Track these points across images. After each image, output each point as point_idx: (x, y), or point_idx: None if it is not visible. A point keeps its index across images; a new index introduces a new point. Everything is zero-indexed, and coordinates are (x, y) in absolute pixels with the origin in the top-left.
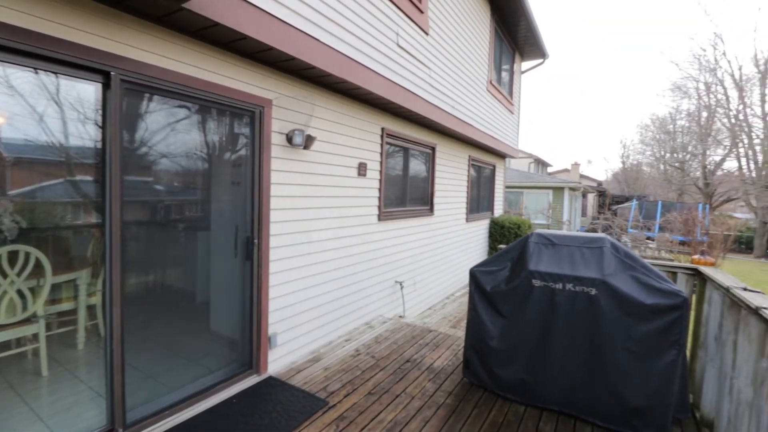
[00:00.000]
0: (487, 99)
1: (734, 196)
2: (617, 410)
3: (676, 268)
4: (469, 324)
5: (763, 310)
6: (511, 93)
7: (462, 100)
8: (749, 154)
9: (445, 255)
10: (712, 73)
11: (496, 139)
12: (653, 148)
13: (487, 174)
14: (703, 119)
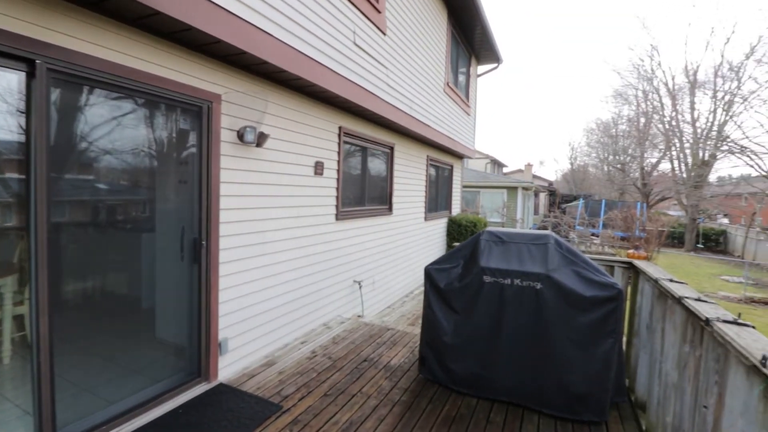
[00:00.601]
0: (444, 100)
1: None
2: (561, 398)
3: (613, 262)
4: (424, 321)
5: (685, 299)
6: (467, 95)
7: (420, 100)
8: (681, 156)
9: (404, 253)
10: (649, 81)
11: (453, 140)
12: (598, 151)
13: (445, 174)
14: (642, 124)
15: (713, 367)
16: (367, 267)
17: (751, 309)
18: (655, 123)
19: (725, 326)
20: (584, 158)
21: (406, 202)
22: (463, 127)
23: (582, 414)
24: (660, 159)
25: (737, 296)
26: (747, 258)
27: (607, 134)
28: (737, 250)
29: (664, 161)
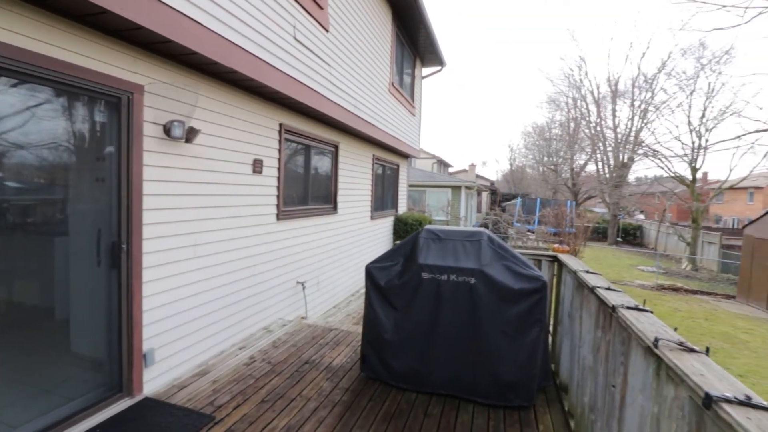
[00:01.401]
0: (389, 100)
1: (593, 193)
2: (494, 386)
3: (540, 256)
4: (365, 319)
5: (597, 288)
6: (412, 96)
7: (364, 99)
8: (604, 159)
9: (350, 253)
10: (578, 90)
11: (399, 140)
12: (534, 153)
13: (391, 173)
14: (571, 129)
15: (619, 350)
16: (311, 267)
17: (661, 295)
18: (582, 128)
19: (628, 312)
20: (522, 159)
21: (352, 201)
22: (409, 127)
23: (512, 400)
24: (587, 161)
25: (650, 284)
26: (659, 250)
27: (542, 137)
28: (651, 242)
29: (590, 163)
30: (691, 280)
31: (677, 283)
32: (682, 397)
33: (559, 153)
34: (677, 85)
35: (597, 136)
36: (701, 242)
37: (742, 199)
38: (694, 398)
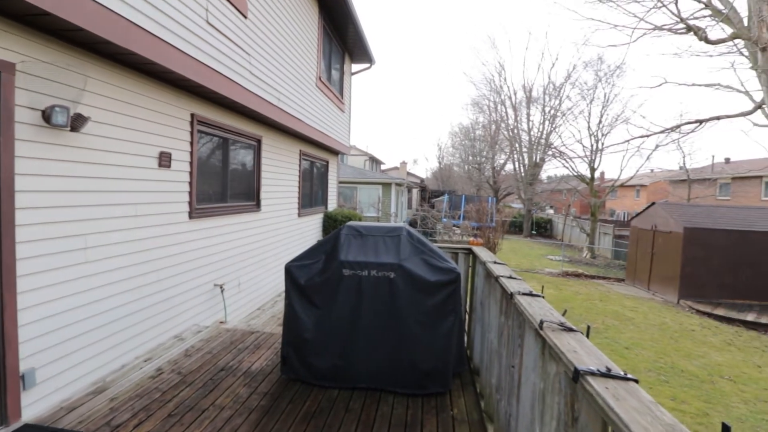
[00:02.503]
0: (316, 95)
1: (511, 190)
2: (412, 376)
3: (458, 249)
4: (285, 320)
5: (501, 277)
6: (342, 92)
7: (289, 93)
8: (520, 159)
9: (275, 252)
10: (498, 94)
11: (328, 136)
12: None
13: (320, 169)
14: (493, 131)
15: (517, 333)
16: (231, 268)
17: (565, 281)
18: (502, 130)
19: (523, 298)
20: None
21: (278, 197)
22: (338, 124)
23: (430, 388)
24: (506, 161)
25: (557, 271)
26: (565, 240)
27: (467, 138)
28: (559, 234)
29: (509, 162)
30: (590, 266)
31: (579, 270)
32: (560, 372)
33: (482, 153)
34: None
35: (514, 138)
36: (598, 233)
37: (630, 196)
38: (568, 373)
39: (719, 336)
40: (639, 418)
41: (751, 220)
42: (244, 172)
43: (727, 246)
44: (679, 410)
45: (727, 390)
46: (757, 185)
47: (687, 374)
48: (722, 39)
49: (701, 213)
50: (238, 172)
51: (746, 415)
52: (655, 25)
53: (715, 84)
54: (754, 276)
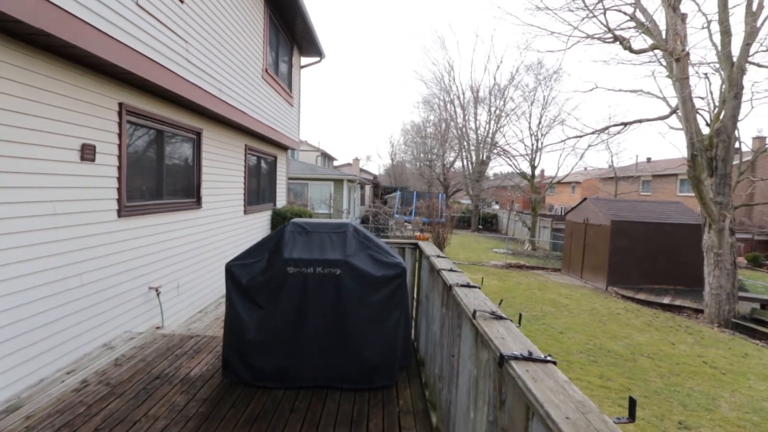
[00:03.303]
0: (263, 88)
1: (460, 187)
2: (360, 371)
3: (405, 244)
4: (227, 321)
5: (442, 271)
6: (290, 86)
7: (232, 84)
8: (468, 156)
9: (219, 251)
10: (448, 93)
11: (275, 130)
12: (412, 149)
13: (268, 165)
14: (443, 129)
15: (456, 323)
16: (169, 270)
17: (509, 272)
18: (452, 129)
19: (460, 290)
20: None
21: (221, 194)
22: (287, 118)
23: (377, 381)
24: (455, 158)
25: (501, 263)
26: (509, 234)
27: (419, 135)
28: (504, 228)
29: (458, 160)
30: (531, 258)
31: (521, 262)
32: (490, 358)
33: (433, 150)
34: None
35: (463, 136)
36: (538, 227)
37: (567, 192)
38: (495, 358)
39: (640, 318)
40: (553, 397)
41: (667, 214)
42: (183, 167)
43: (647, 237)
44: (606, 387)
45: (647, 366)
46: (673, 182)
47: (613, 354)
48: (644, 49)
49: (626, 207)
50: (176, 167)
51: (661, 388)
52: (587, 33)
53: (639, 90)
54: (669, 263)
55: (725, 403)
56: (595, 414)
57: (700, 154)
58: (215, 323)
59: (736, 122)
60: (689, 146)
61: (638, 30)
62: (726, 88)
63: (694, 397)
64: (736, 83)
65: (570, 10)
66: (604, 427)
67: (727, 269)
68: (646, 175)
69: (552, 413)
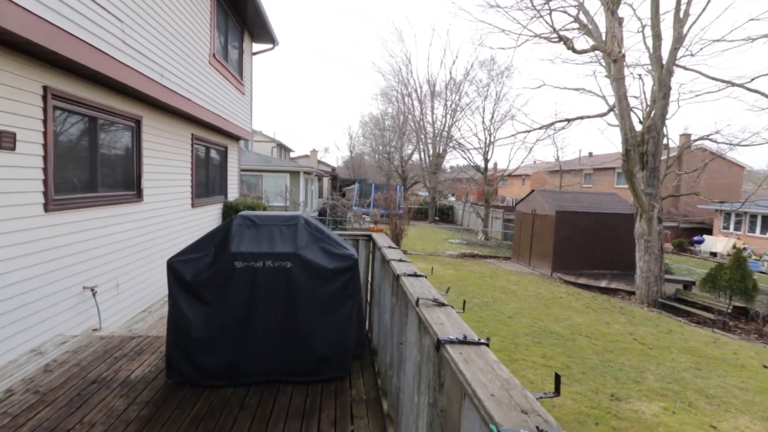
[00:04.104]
0: (210, 74)
1: (418, 179)
2: (311, 364)
3: (358, 236)
4: (169, 320)
5: (392, 261)
6: (241, 73)
7: (176, 69)
8: (425, 149)
9: (164, 246)
10: (405, 86)
11: (225, 119)
12: (371, 141)
13: (218, 156)
14: (401, 122)
15: (404, 311)
16: (106, 267)
17: (463, 261)
18: (409, 122)
19: (407, 279)
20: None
21: (165, 186)
22: (237, 106)
23: (329, 373)
24: (413, 151)
25: (456, 253)
26: (464, 225)
27: (377, 127)
28: (459, 220)
29: (416, 153)
30: (484, 247)
31: (474, 251)
32: (431, 343)
33: (391, 143)
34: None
35: (420, 129)
36: (491, 218)
37: (517, 184)
38: (434, 343)
39: (580, 301)
40: (481, 377)
41: (605, 204)
42: (121, 157)
43: (587, 225)
44: (548, 366)
45: (584, 345)
46: (611, 175)
47: (555, 335)
48: (586, 49)
49: (569, 198)
50: (113, 158)
51: (597, 364)
52: (535, 33)
53: (581, 88)
54: (606, 249)
55: (651, 375)
56: (517, 390)
57: (633, 149)
58: (160, 322)
59: (665, 120)
60: (624, 142)
61: (581, 31)
62: (656, 88)
63: (625, 371)
64: (664, 84)
65: (519, 9)
66: (525, 401)
67: (656, 254)
68: (587, 169)
69: (478, 391)
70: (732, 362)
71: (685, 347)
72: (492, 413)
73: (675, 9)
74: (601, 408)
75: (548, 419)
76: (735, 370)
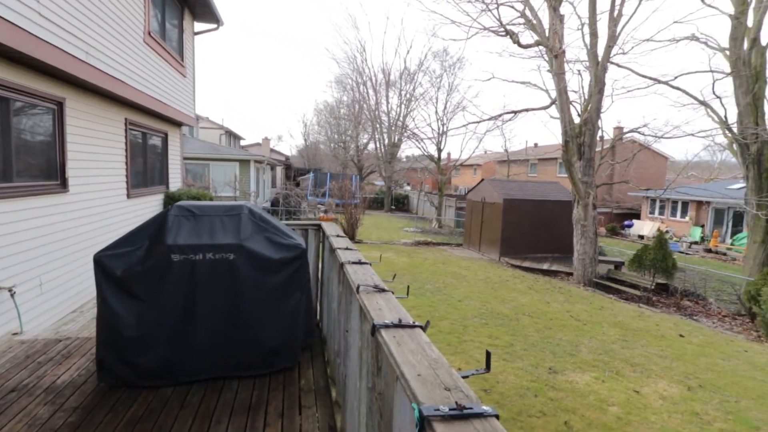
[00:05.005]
0: (146, 54)
1: (374, 169)
2: (258, 356)
3: (308, 226)
4: (99, 319)
5: (338, 250)
6: (182, 54)
7: (105, 47)
8: (381, 138)
9: (95, 241)
10: (360, 75)
11: (164, 103)
12: (326, 130)
13: (157, 142)
14: (356, 110)
15: (348, 299)
16: (26, 266)
17: (417, 249)
18: (365, 110)
19: (351, 267)
20: (316, 135)
21: (95, 175)
22: (178, 90)
23: (277, 365)
24: (369, 140)
25: (411, 241)
26: (419, 214)
27: (332, 116)
28: (414, 208)
29: (371, 142)
30: (437, 235)
31: (428, 239)
32: (370, 329)
33: (347, 132)
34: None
35: (375, 118)
36: (444, 206)
37: (469, 173)
38: (370, 329)
39: (525, 283)
40: (411, 358)
41: (548, 192)
42: (42, 143)
43: (532, 212)
44: (494, 345)
45: (527, 324)
46: (554, 165)
47: (501, 316)
48: (530, 44)
49: (516, 187)
50: (31, 144)
51: (537, 341)
52: (484, 26)
53: (527, 82)
54: (548, 234)
55: (585, 348)
56: (444, 369)
57: (571, 141)
58: (92, 323)
59: (600, 113)
60: (563, 133)
61: (526, 26)
62: (592, 83)
63: (562, 346)
64: (600, 80)
65: (469, 2)
66: (449, 379)
67: (590, 238)
68: (533, 159)
69: (406, 372)
70: (654, 333)
71: (615, 321)
72: (416, 392)
73: (610, 9)
74: (540, 381)
75: (469, 394)
76: (656, 340)
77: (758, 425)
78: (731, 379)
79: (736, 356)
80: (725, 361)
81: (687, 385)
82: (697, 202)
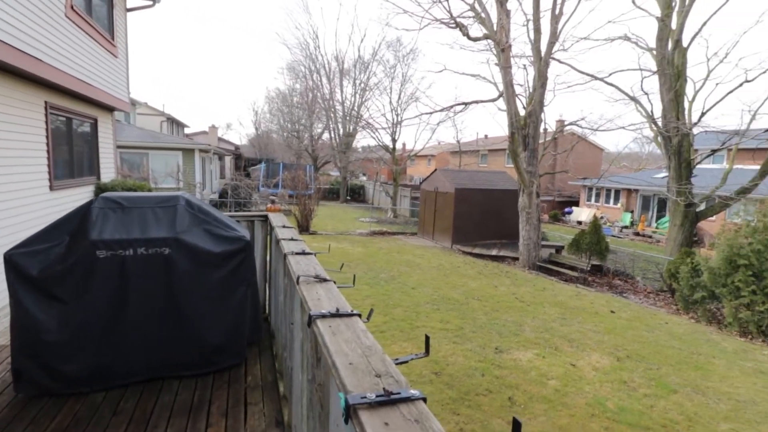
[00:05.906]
0: (69, 30)
1: (329, 159)
2: (201, 355)
3: (254, 217)
4: (13, 324)
5: (282, 241)
6: (112, 32)
7: (19, 22)
8: (335, 128)
9: (14, 238)
10: (313, 62)
11: (91, 86)
12: (278, 118)
13: (85, 129)
14: (310, 99)
15: (292, 291)
16: None
17: (372, 239)
18: (318, 100)
19: (293, 257)
20: (268, 124)
21: (8, 165)
22: (108, 71)
23: (221, 362)
24: (323, 129)
25: (367, 231)
26: (375, 204)
27: (285, 104)
28: (370, 199)
29: (326, 132)
30: (393, 225)
31: (384, 229)
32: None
33: (301, 121)
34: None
35: (329, 108)
36: (400, 196)
37: (424, 164)
38: (308, 319)
39: (474, 269)
40: (345, 347)
41: (496, 182)
42: None
43: (482, 201)
44: (445, 329)
45: (476, 307)
46: (502, 155)
47: (452, 301)
48: (479, 37)
49: (467, 177)
50: None
51: (485, 323)
52: (436, 17)
53: (477, 75)
54: (497, 222)
55: (528, 327)
56: (377, 356)
57: (517, 132)
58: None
59: (543, 107)
60: (510, 125)
61: (475, 20)
62: (536, 78)
63: (507, 327)
64: (543, 75)
65: None
66: (381, 365)
67: (534, 224)
68: (483, 150)
69: (337, 362)
70: (589, 310)
71: (555, 301)
72: (345, 381)
73: (552, 7)
74: (487, 361)
75: (399, 379)
76: (591, 317)
77: (676, 389)
78: (654, 349)
79: (658, 328)
80: (649, 332)
81: (616, 357)
82: (627, 190)
